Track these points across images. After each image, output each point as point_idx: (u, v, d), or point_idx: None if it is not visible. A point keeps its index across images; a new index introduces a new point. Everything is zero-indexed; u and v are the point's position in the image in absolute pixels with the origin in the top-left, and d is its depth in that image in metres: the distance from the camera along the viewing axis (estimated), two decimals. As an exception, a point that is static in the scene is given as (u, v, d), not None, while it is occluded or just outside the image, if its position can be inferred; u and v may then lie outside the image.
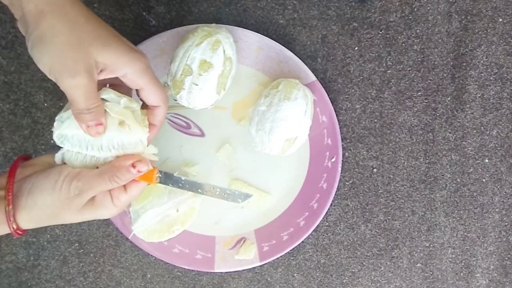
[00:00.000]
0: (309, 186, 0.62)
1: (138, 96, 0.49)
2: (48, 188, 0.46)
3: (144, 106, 0.50)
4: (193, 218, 0.60)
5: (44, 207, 0.46)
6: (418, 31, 0.62)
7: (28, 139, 0.63)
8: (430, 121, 0.63)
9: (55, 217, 0.47)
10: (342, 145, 0.62)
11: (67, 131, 0.47)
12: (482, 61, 0.62)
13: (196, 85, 0.55)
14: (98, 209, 0.48)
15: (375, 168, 0.63)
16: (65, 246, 0.64)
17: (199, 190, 0.53)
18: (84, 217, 0.48)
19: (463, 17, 0.62)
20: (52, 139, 0.63)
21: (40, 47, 0.42)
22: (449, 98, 0.63)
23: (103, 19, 0.61)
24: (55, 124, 0.47)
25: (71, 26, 0.42)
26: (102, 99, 0.47)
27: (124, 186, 0.48)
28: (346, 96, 0.63)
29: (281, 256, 0.62)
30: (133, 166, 0.47)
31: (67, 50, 0.42)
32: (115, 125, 0.47)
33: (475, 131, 0.63)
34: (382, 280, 0.65)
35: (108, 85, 0.48)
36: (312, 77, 0.60)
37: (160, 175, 0.51)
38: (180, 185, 0.53)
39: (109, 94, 0.47)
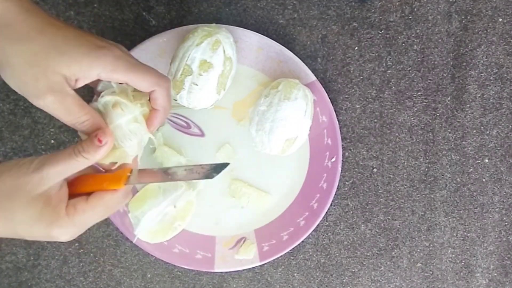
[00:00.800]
0: (309, 186, 0.62)
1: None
2: (12, 168, 0.42)
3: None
4: (193, 212, 0.61)
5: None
6: (418, 31, 0.62)
7: (28, 139, 0.63)
8: (430, 121, 0.63)
9: (4, 207, 0.41)
10: (342, 145, 0.62)
11: None
12: (482, 61, 0.62)
13: (196, 85, 0.55)
14: (53, 216, 0.41)
15: (375, 168, 0.63)
16: (65, 246, 0.64)
17: (169, 177, 0.47)
18: (36, 221, 0.41)
19: (463, 17, 0.62)
20: (52, 139, 0.63)
21: (2, 73, 0.41)
22: (449, 98, 0.63)
23: (103, 19, 0.61)
24: None
25: (22, 44, 0.40)
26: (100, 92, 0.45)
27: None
28: (346, 96, 0.63)
29: (281, 256, 0.62)
30: (96, 135, 0.43)
31: (25, 71, 0.40)
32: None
33: (475, 131, 0.63)
34: (382, 280, 0.65)
35: None
36: (312, 77, 0.60)
37: (129, 174, 0.46)
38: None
39: (104, 84, 0.46)
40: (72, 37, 0.42)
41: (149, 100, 0.48)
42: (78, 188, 0.44)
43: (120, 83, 0.46)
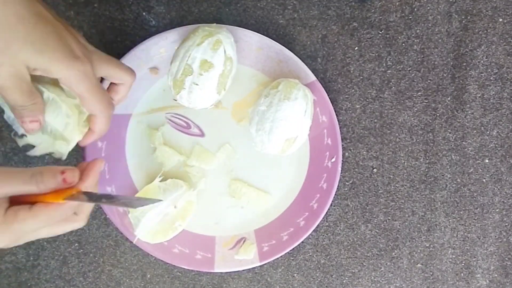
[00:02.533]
0: (309, 186, 0.62)
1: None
2: None
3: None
4: (193, 212, 0.61)
5: None
6: (418, 31, 0.62)
7: (28, 139, 0.63)
8: (430, 121, 0.63)
9: None
10: (342, 145, 0.62)
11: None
12: (482, 61, 0.62)
13: (197, 84, 0.55)
14: None
15: (375, 168, 0.63)
16: (65, 246, 0.64)
17: (104, 201, 0.45)
18: None
19: (463, 17, 0.62)
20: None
21: None
22: (449, 98, 0.63)
23: (103, 19, 0.61)
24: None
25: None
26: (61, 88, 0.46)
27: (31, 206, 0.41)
28: (346, 96, 0.63)
29: (281, 256, 0.62)
30: (62, 173, 0.41)
31: None
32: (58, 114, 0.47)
33: (475, 131, 0.63)
34: (382, 281, 0.65)
35: None
36: (312, 77, 0.60)
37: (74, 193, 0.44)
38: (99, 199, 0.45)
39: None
40: (52, 37, 0.42)
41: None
42: (24, 196, 0.42)
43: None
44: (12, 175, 0.40)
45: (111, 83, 0.52)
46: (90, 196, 0.43)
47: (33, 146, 0.49)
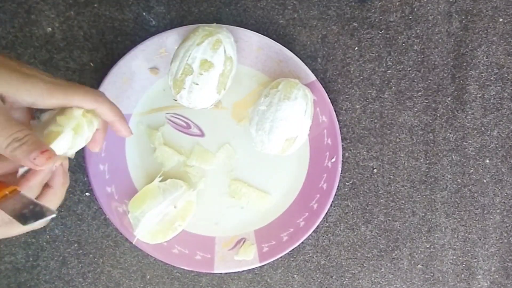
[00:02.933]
0: (309, 187, 0.62)
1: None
2: None
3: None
4: (193, 212, 0.61)
5: None
6: (418, 31, 0.62)
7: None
8: (431, 121, 0.63)
9: None
10: (342, 145, 0.62)
11: None
12: (482, 61, 0.62)
13: (197, 84, 0.55)
14: None
15: (375, 168, 0.63)
16: (64, 247, 0.64)
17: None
18: None
19: (463, 17, 0.62)
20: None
21: None
22: (449, 98, 0.63)
23: (103, 19, 0.62)
24: None
25: None
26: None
27: None
28: (346, 96, 0.62)
29: (280, 257, 0.62)
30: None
31: None
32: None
33: (475, 131, 0.63)
34: (383, 282, 0.64)
35: None
36: (312, 77, 0.60)
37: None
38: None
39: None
40: (4, 65, 0.40)
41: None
42: None
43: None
44: None
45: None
46: (22, 203, 0.38)
47: None
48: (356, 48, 0.62)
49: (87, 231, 0.64)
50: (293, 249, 0.62)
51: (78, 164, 0.63)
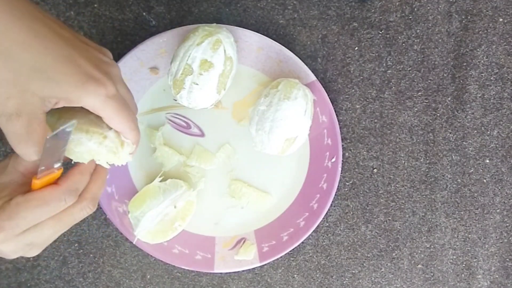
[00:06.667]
0: (309, 187, 0.62)
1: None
2: None
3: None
4: (193, 212, 0.61)
5: None
6: (418, 31, 0.62)
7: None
8: (431, 121, 0.63)
9: None
10: (342, 145, 0.62)
11: None
12: (482, 61, 0.62)
13: (197, 84, 0.55)
14: None
15: (375, 168, 0.63)
16: (65, 247, 0.64)
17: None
18: None
19: (463, 17, 0.62)
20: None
21: None
22: (449, 98, 0.63)
23: (103, 19, 0.61)
24: None
25: (3, 59, 0.35)
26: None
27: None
28: (346, 96, 0.62)
29: (281, 256, 0.62)
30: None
31: None
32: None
33: (475, 131, 0.63)
34: (383, 282, 0.64)
35: None
36: (312, 77, 0.60)
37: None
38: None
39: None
40: (63, 60, 0.37)
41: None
42: None
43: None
44: (33, 199, 0.39)
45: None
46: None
47: None
48: (356, 48, 0.62)
49: (87, 231, 0.64)
50: (293, 249, 0.62)
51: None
